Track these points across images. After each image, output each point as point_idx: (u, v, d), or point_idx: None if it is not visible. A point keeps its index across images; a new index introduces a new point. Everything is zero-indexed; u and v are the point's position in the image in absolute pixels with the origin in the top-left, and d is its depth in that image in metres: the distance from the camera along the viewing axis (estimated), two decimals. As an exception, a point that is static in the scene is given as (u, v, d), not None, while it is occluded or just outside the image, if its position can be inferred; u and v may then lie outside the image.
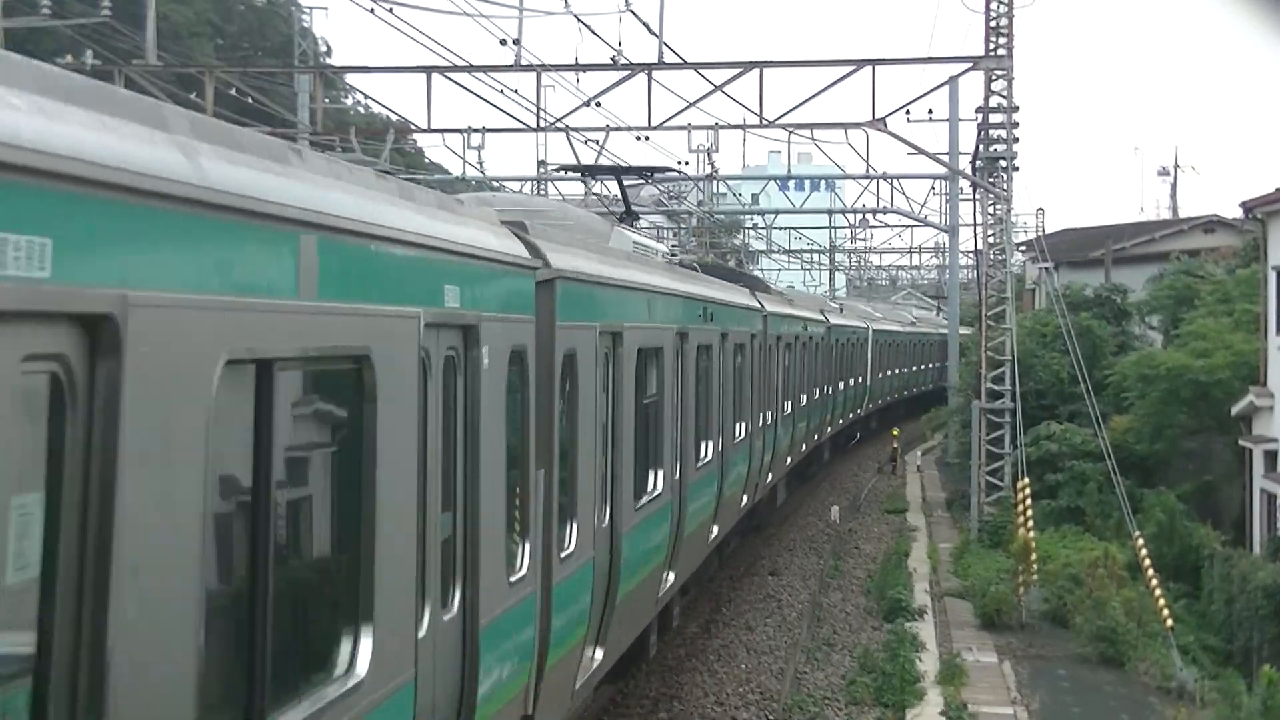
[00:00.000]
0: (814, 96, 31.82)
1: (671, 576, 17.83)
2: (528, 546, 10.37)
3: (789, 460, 33.42)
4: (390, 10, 26.52)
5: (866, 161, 39.36)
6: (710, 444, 20.51)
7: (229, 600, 5.86)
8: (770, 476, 29.49)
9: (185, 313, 5.17)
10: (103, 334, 4.61)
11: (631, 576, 14.49)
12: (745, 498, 25.59)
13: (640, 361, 14.82)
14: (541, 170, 45.99)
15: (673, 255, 23.78)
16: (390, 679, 7.37)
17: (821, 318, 40.48)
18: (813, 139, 37.75)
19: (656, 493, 16.17)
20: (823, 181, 63.03)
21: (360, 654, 6.97)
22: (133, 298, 4.71)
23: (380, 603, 7.19)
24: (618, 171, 24.86)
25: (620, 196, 24.28)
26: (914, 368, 68.73)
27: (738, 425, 23.59)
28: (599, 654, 13.43)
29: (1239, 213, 35.56)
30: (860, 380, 49.96)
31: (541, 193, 46.10)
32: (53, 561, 4.52)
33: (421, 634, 8.03)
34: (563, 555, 11.47)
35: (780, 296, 35.28)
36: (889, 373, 59.23)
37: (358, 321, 6.97)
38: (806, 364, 35.54)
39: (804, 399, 35.04)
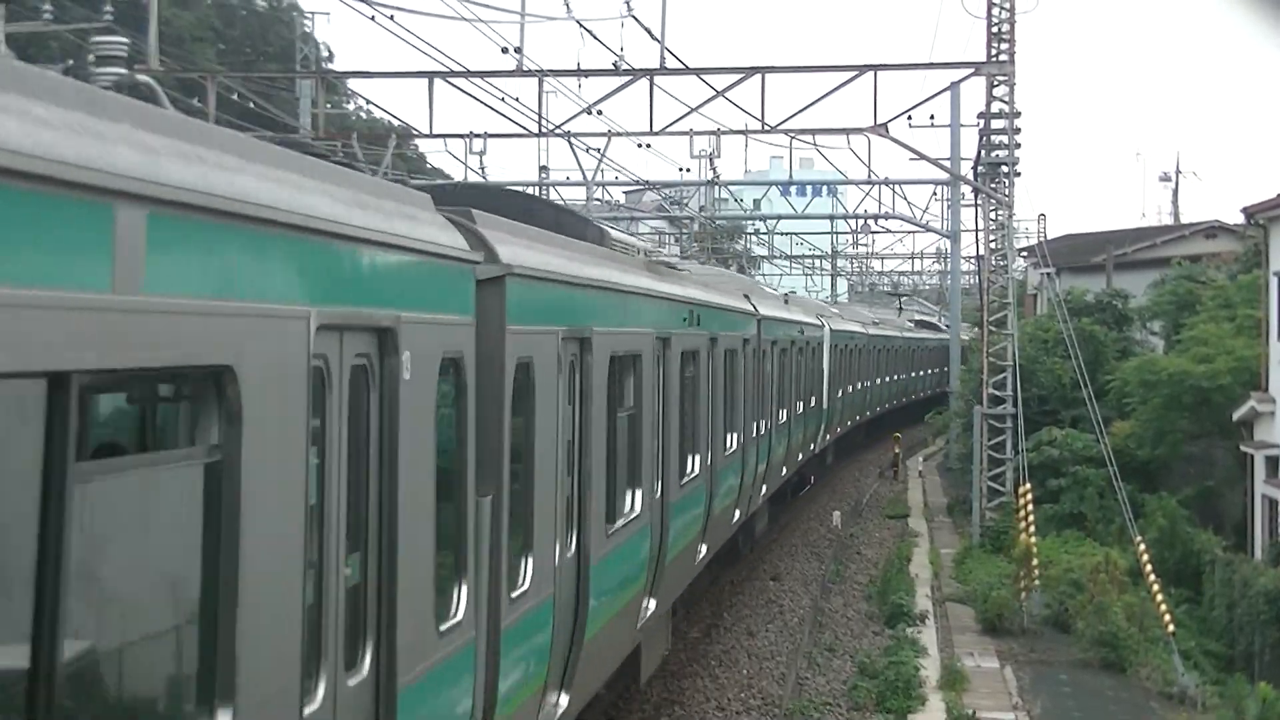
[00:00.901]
0: (816, 102, 31.85)
1: (653, 603, 16.09)
2: (466, 587, 8.93)
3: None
4: (391, 17, 26.51)
5: (868, 167, 39.33)
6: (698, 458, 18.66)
7: None
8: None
9: None
10: None
11: (603, 611, 12.89)
12: (737, 512, 23.46)
13: (614, 370, 13.19)
14: (543, 175, 45.97)
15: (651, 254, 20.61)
16: None
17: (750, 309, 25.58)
18: (815, 144, 37.81)
19: (634, 514, 14.49)
20: (824, 187, 62.96)
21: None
22: None
23: (246, 680, 5.75)
24: None
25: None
26: (895, 377, 60.67)
27: (728, 436, 21.72)
28: (564, 700, 11.79)
29: (1240, 218, 35.62)
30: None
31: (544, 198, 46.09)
32: None
33: (312, 708, 6.62)
34: (514, 594, 9.92)
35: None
36: (861, 386, 48.63)
37: (210, 323, 5.52)
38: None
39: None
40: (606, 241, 15.52)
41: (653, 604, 15.87)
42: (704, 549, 19.72)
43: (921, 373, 69.59)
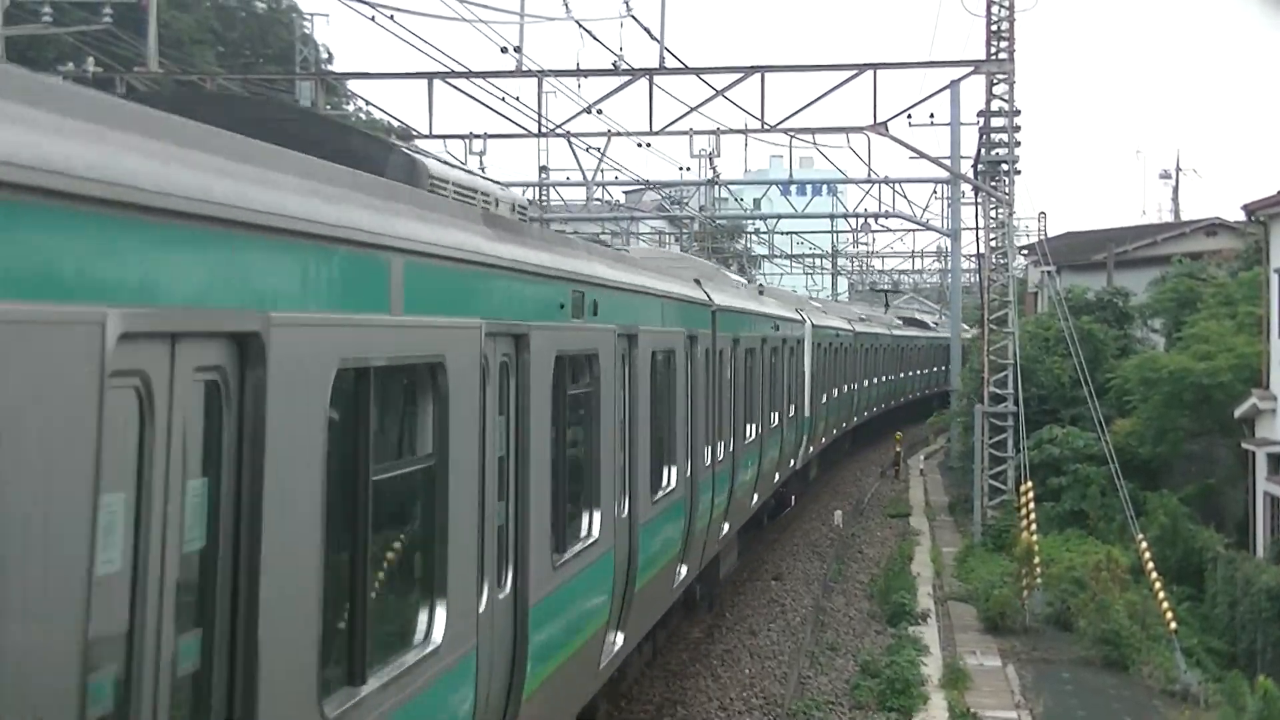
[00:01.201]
0: (815, 101, 31.88)
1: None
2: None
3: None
4: (391, 18, 26.51)
5: (868, 166, 39.38)
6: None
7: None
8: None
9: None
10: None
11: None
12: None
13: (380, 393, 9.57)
14: (543, 175, 46.03)
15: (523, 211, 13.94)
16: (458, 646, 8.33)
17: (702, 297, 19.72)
18: (814, 143, 37.83)
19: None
20: (824, 186, 63.01)
21: (435, 624, 7.99)
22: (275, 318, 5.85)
23: (453, 585, 8.23)
24: None
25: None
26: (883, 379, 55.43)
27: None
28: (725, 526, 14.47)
29: (1241, 215, 35.59)
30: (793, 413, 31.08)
31: (544, 198, 46.13)
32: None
33: (481, 609, 8.84)
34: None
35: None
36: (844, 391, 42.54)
37: (433, 333, 7.92)
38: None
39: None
40: (419, 180, 9.75)
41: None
42: (618, 639, 13.89)
43: (911, 373, 66.25)
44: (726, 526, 21.52)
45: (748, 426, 23.68)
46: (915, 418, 61.88)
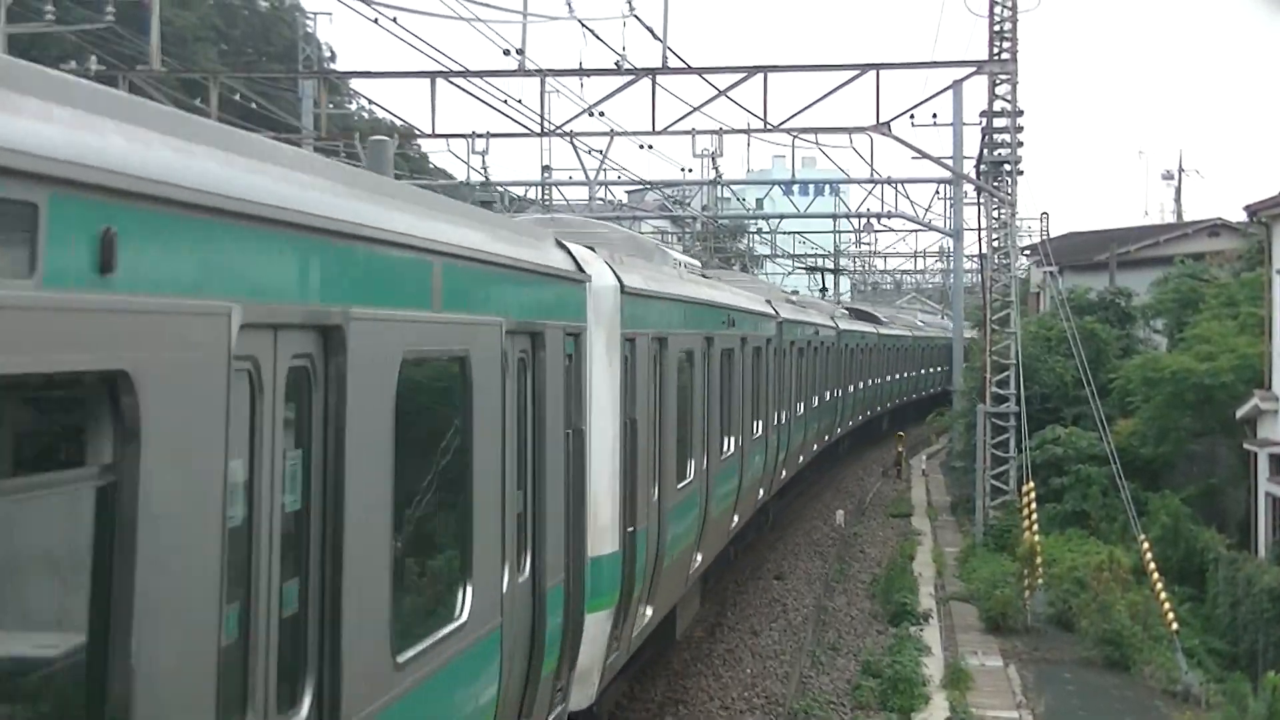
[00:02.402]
0: (818, 101, 31.91)
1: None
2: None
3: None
4: (394, 19, 26.55)
5: (871, 166, 39.35)
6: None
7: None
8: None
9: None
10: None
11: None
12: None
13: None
14: (545, 175, 45.99)
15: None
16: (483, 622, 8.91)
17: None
18: (817, 143, 37.78)
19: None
20: (827, 186, 62.95)
21: (465, 601, 8.56)
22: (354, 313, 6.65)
23: (478, 566, 8.84)
24: None
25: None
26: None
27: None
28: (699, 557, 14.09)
29: (1243, 216, 35.55)
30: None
31: (546, 198, 46.12)
32: None
33: (504, 589, 9.35)
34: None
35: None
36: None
37: (461, 328, 8.61)
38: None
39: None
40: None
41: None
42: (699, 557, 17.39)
43: (893, 376, 60.20)
44: (698, 558, 18.67)
45: (727, 439, 20.95)
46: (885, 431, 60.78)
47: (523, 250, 10.18)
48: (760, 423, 24.64)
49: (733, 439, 21.40)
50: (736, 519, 22.72)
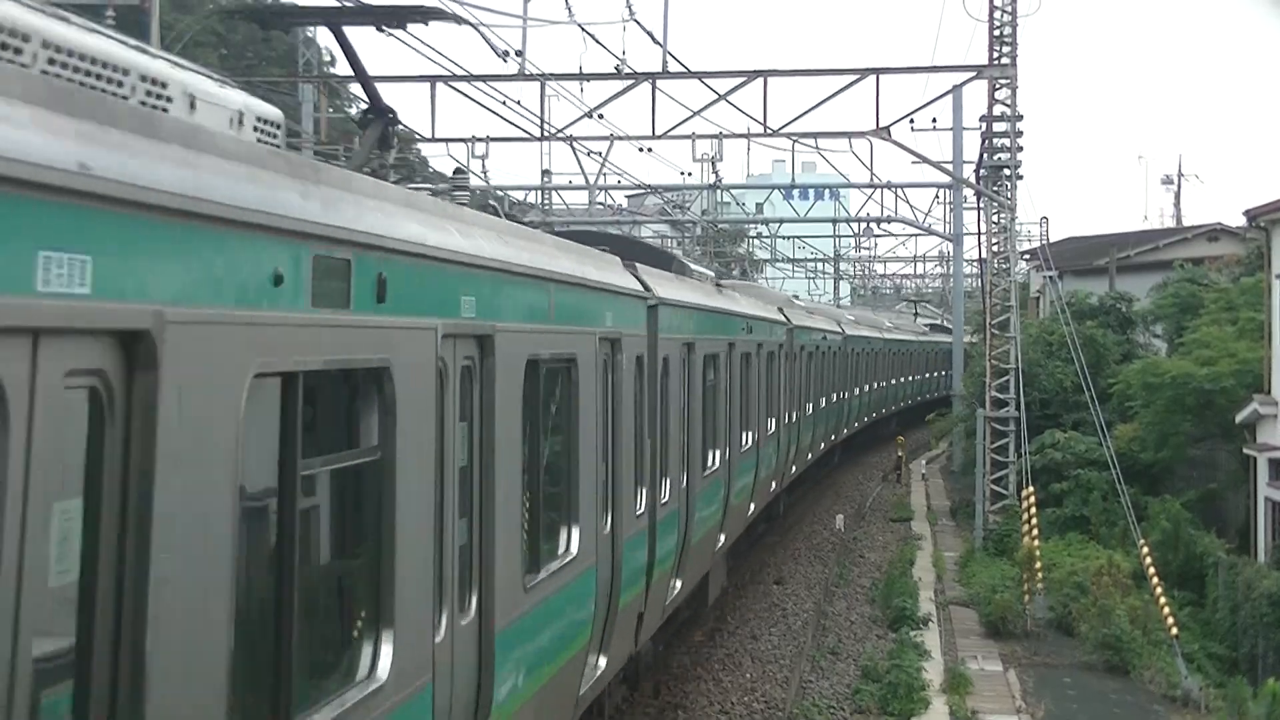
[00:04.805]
0: (818, 105, 31.88)
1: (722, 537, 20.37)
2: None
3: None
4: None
5: (871, 170, 39.46)
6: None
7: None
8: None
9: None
10: None
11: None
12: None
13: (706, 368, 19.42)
14: (545, 179, 46.03)
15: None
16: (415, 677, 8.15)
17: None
18: (817, 148, 37.81)
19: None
20: (827, 190, 62.99)
21: (380, 659, 7.13)
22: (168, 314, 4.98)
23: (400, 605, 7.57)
24: None
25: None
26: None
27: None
28: (602, 661, 13.00)
29: (1243, 221, 35.53)
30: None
31: (546, 202, 46.15)
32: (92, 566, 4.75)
33: (439, 637, 8.09)
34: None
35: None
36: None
37: (569, 337, 10.63)
38: None
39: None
40: (689, 271, 20.31)
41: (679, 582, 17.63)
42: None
43: (897, 380, 58.46)
44: (679, 586, 17.72)
45: (715, 452, 20.18)
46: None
47: (608, 275, 13.03)
48: (774, 420, 26.84)
49: (751, 433, 23.61)
50: (753, 506, 24.97)
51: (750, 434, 23.70)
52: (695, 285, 19.43)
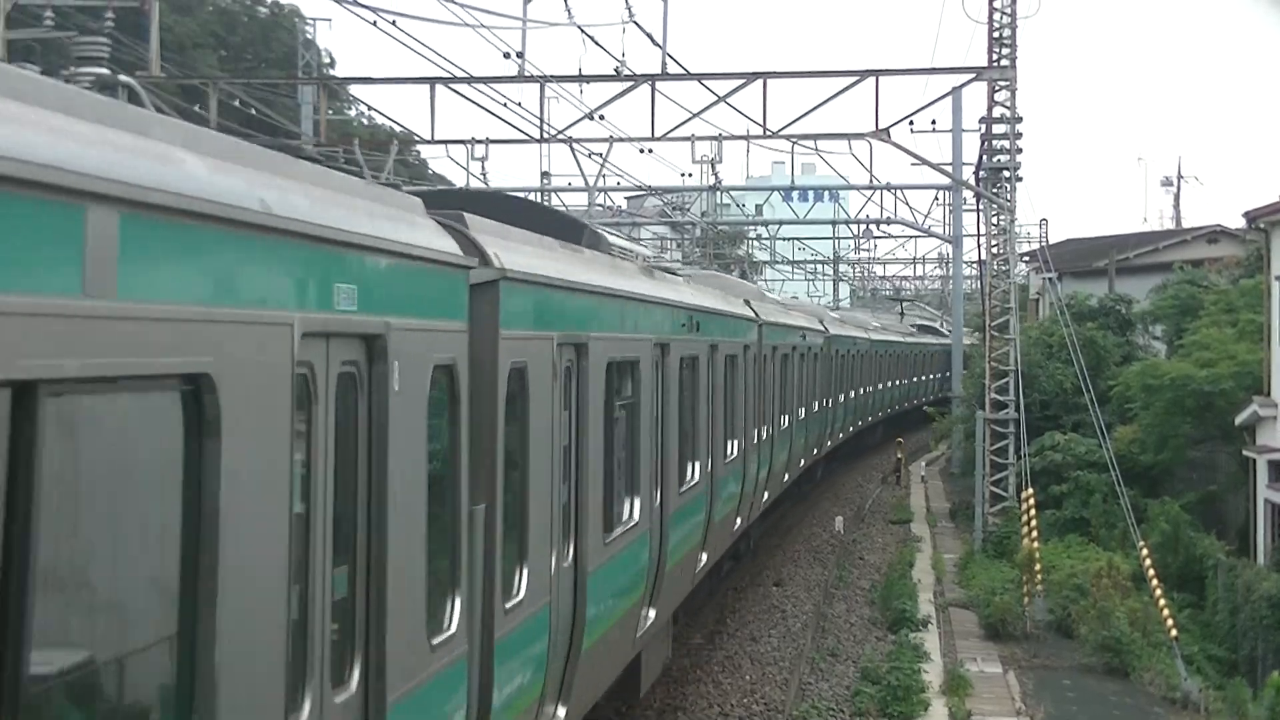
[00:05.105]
0: (817, 107, 31.87)
1: (652, 613, 15.62)
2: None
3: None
4: (393, 23, 26.50)
5: (870, 172, 39.34)
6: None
7: None
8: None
9: None
10: None
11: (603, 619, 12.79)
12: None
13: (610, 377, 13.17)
14: (544, 181, 46.00)
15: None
16: None
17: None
18: (816, 150, 37.84)
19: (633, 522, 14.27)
20: (826, 192, 63.00)
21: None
22: None
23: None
24: None
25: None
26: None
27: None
28: (561, 712, 11.56)
29: (1242, 223, 35.53)
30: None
31: (544, 204, 46.12)
32: None
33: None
34: (509, 605, 9.78)
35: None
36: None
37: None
38: None
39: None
40: (602, 246, 14.47)
41: (652, 613, 15.92)
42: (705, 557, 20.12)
43: (890, 384, 56.10)
44: (658, 606, 16.30)
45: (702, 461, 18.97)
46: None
47: (662, 289, 16.00)
48: (736, 443, 22.01)
49: (698, 465, 18.58)
50: (705, 558, 19.81)
51: (697, 466, 18.40)
52: (606, 263, 14.01)
